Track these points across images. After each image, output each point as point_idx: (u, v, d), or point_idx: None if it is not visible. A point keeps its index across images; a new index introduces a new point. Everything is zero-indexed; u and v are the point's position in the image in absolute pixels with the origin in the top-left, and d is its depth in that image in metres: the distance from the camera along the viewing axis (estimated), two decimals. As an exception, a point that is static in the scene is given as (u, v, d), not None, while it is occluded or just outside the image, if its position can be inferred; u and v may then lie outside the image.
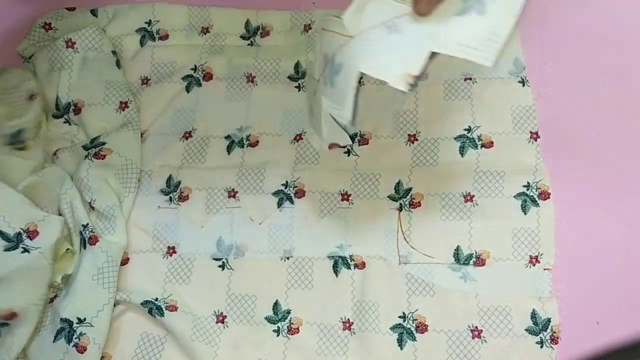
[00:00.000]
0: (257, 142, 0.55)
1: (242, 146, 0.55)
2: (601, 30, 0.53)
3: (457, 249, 0.50)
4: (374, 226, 0.51)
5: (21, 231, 0.48)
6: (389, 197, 0.51)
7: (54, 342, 0.47)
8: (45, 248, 0.48)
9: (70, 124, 0.55)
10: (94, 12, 0.60)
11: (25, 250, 0.48)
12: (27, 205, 0.49)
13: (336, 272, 0.50)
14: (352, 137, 0.44)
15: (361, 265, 0.50)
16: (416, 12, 0.40)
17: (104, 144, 0.53)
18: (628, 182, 0.50)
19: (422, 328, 0.48)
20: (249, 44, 0.59)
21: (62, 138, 0.55)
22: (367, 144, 0.54)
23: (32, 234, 0.48)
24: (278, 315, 0.49)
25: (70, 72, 0.56)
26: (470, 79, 0.54)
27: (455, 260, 0.49)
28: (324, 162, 0.53)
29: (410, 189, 0.52)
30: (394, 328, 0.48)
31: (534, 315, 0.47)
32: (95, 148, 0.53)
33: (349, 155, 0.53)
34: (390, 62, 0.41)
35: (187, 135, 0.55)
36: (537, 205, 0.50)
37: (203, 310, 0.50)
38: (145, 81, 0.58)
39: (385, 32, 0.42)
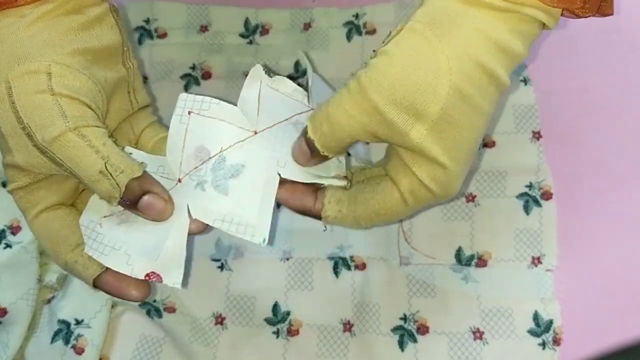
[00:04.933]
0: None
1: (242, 145, 0.54)
2: (604, 28, 0.53)
3: (459, 249, 0.49)
4: (374, 227, 0.50)
5: (5, 228, 0.48)
6: (389, 197, 0.51)
7: (51, 343, 0.47)
8: (27, 242, 0.48)
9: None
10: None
11: (8, 245, 0.48)
12: (11, 201, 0.49)
13: (336, 273, 0.50)
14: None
15: (362, 267, 0.50)
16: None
17: None
18: (631, 182, 0.50)
19: (423, 330, 0.47)
20: (248, 43, 0.59)
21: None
22: (367, 143, 0.53)
23: (15, 229, 0.48)
24: (277, 317, 0.49)
25: None
26: None
27: (456, 261, 0.49)
28: None
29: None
30: (395, 330, 0.47)
31: (536, 317, 0.47)
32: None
33: (349, 155, 0.53)
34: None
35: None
36: (540, 205, 0.50)
37: (202, 312, 0.49)
38: (143, 80, 0.58)
39: (293, 129, 0.39)
